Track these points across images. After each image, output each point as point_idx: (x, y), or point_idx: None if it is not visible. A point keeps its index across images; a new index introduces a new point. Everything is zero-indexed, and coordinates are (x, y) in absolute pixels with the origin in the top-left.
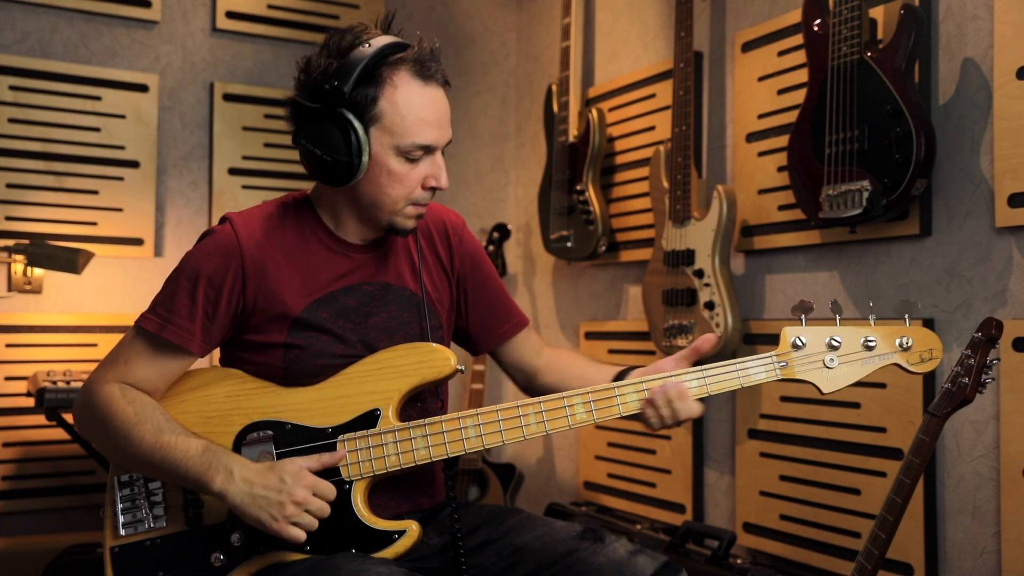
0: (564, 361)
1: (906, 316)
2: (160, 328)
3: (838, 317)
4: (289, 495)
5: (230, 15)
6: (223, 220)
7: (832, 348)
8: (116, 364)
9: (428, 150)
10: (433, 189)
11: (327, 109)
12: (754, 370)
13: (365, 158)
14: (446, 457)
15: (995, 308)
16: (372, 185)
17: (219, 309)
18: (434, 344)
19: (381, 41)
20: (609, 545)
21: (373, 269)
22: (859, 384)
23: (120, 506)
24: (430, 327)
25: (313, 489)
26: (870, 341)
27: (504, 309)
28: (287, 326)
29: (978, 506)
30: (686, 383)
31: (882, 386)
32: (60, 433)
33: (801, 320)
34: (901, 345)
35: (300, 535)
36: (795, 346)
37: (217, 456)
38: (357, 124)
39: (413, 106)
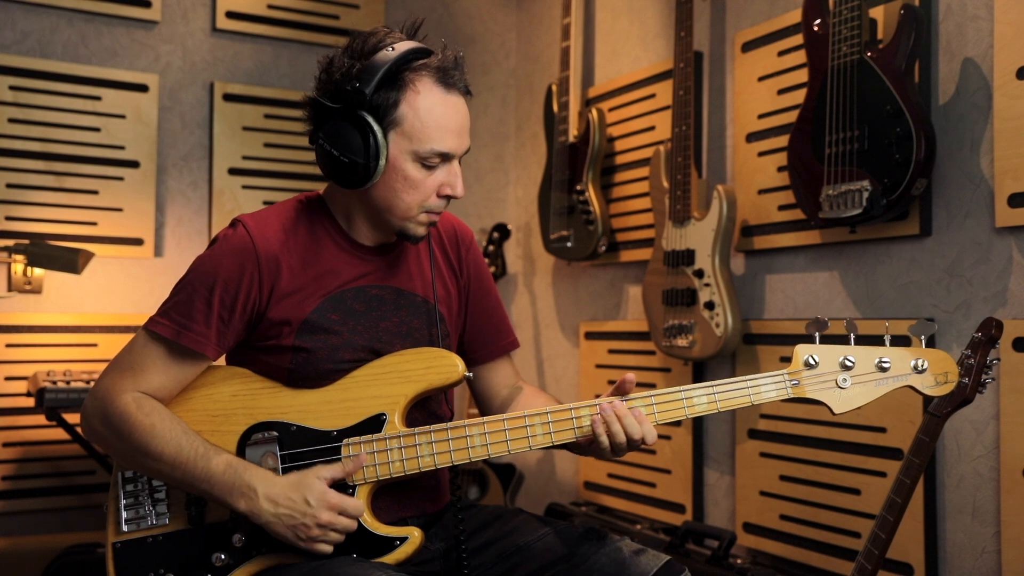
0: (531, 398)
1: (922, 337)
2: (177, 335)
3: (852, 335)
4: (314, 518)
5: (230, 15)
6: (235, 223)
7: (845, 368)
8: (131, 371)
9: (446, 158)
10: (448, 198)
11: (347, 110)
12: (765, 387)
13: (382, 161)
14: (451, 465)
15: (995, 308)
16: (387, 190)
17: (235, 314)
18: (442, 350)
19: (405, 46)
20: (611, 545)
21: (384, 273)
22: None
23: (123, 502)
24: (440, 335)
25: (339, 509)
26: (884, 362)
27: (500, 326)
28: (296, 328)
29: (978, 506)
30: (695, 399)
31: None
32: (60, 433)
33: (815, 338)
34: (916, 367)
35: (327, 550)
36: (808, 365)
37: (239, 474)
38: (376, 127)
39: (434, 112)
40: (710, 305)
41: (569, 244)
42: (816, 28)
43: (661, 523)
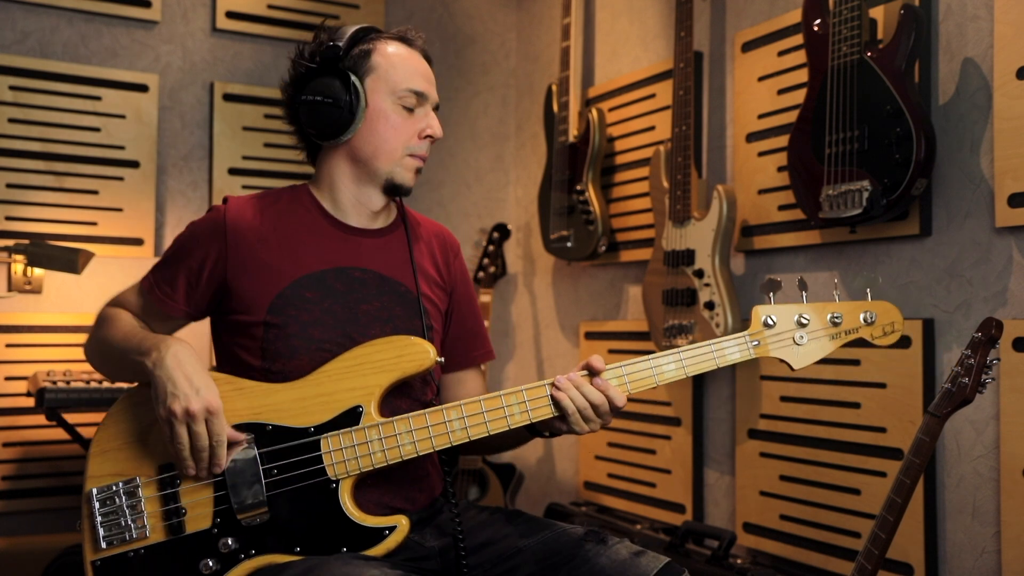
0: None
1: (868, 291)
2: (149, 289)
3: (804, 294)
4: (187, 399)
5: (230, 15)
6: (225, 200)
7: (801, 325)
8: (118, 302)
9: (421, 99)
10: (430, 139)
11: (325, 67)
12: (729, 350)
13: (362, 102)
14: (432, 451)
15: (995, 308)
16: (371, 133)
17: (201, 281)
18: (412, 337)
19: (362, 24)
20: (612, 547)
21: (367, 256)
22: (859, 384)
23: (99, 519)
24: (424, 327)
25: (213, 414)
26: (836, 317)
27: (479, 336)
28: (268, 303)
29: (978, 506)
30: (663, 366)
31: (882, 386)
32: (60, 433)
33: (770, 299)
34: (865, 320)
35: (186, 463)
36: (766, 325)
37: (165, 338)
38: (354, 76)
39: (403, 59)
40: (710, 305)
41: (569, 244)
42: (816, 28)
43: (661, 523)
